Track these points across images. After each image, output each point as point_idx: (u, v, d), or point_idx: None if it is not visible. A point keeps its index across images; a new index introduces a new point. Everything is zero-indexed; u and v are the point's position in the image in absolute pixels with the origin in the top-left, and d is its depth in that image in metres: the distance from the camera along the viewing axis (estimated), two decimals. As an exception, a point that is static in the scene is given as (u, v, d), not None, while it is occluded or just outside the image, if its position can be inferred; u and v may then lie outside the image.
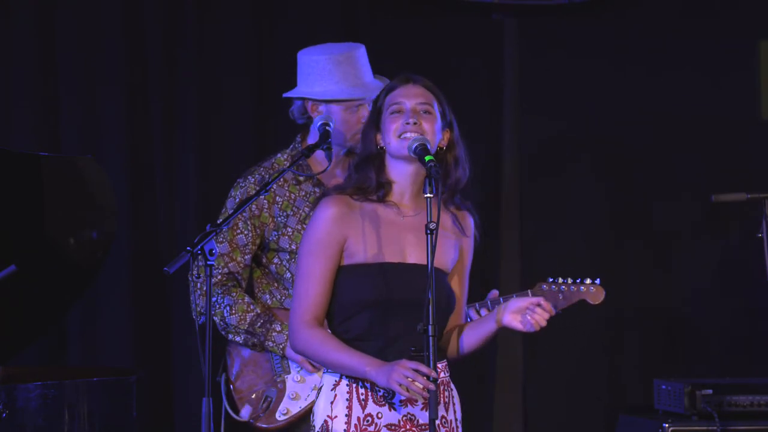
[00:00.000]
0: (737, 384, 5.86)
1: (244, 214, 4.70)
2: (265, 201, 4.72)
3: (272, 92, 6.25)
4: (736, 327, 6.65)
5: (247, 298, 4.71)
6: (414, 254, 3.84)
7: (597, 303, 4.75)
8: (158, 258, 6.04)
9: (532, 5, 6.64)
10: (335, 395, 3.84)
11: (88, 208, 5.32)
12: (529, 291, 4.79)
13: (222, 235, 4.67)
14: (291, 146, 4.84)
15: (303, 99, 4.76)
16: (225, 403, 4.78)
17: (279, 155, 4.83)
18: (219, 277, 4.71)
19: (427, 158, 3.76)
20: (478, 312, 4.76)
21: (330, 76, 4.73)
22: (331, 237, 3.83)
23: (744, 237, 5.56)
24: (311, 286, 3.83)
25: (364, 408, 3.81)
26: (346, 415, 3.81)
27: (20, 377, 5.08)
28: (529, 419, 6.64)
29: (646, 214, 6.70)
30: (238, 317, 4.68)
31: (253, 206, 4.71)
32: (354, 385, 3.82)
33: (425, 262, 3.73)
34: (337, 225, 3.84)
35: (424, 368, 3.63)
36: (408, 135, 3.83)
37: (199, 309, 4.67)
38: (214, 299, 4.69)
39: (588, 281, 4.72)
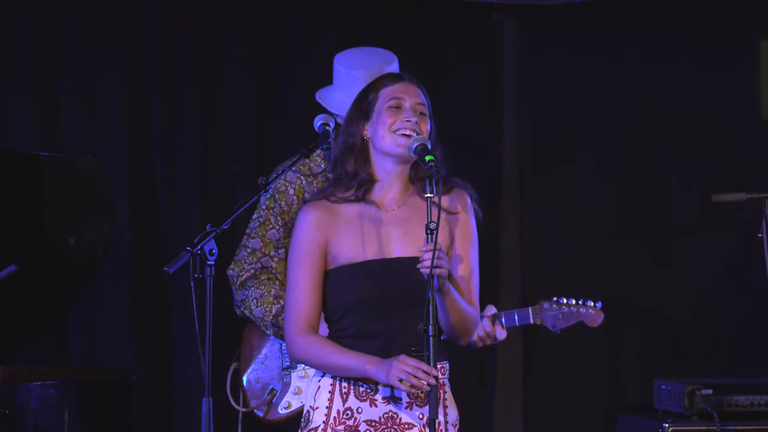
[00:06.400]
0: (737, 384, 5.85)
1: (274, 209, 4.72)
2: (294, 197, 4.75)
3: (272, 92, 6.25)
4: (736, 327, 6.65)
5: (274, 291, 4.72)
6: (398, 248, 3.84)
7: (594, 326, 4.78)
8: (158, 258, 6.04)
9: (532, 5, 6.64)
10: (319, 387, 3.87)
11: (88, 208, 5.32)
12: (530, 308, 4.79)
13: (254, 231, 4.72)
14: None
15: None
16: (228, 390, 4.81)
17: None
18: (252, 271, 4.73)
19: (427, 158, 3.75)
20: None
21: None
22: (312, 243, 3.85)
23: (744, 237, 5.55)
24: (300, 294, 3.85)
25: (345, 401, 3.83)
26: (326, 407, 3.84)
27: (20, 377, 5.09)
28: (529, 419, 6.64)
29: (646, 214, 6.70)
30: (264, 309, 4.71)
31: (282, 202, 4.74)
32: (338, 379, 3.84)
33: (410, 255, 3.76)
34: (317, 230, 3.85)
35: (424, 366, 3.63)
36: (405, 132, 3.82)
37: (237, 302, 4.75)
38: (247, 293, 4.73)
39: (590, 303, 4.74)
